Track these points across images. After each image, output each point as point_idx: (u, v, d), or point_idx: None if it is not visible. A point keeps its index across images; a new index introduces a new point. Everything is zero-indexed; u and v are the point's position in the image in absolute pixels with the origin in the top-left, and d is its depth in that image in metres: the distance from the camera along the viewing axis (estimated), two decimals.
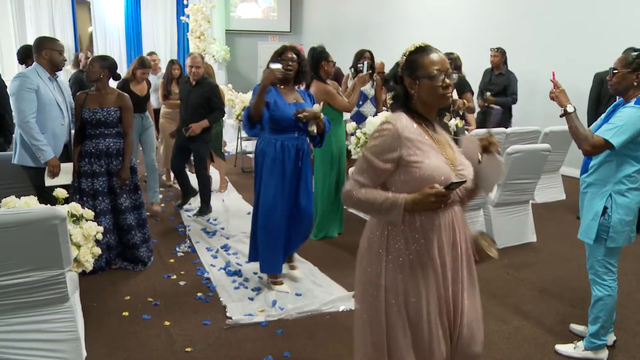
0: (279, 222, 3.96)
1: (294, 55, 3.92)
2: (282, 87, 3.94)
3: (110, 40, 14.23)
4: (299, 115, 3.80)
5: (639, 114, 2.90)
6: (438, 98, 2.06)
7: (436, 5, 10.90)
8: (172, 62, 6.87)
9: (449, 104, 2.15)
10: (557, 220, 5.91)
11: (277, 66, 3.79)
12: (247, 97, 7.55)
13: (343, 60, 8.14)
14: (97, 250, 3.16)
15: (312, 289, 4.14)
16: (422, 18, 11.24)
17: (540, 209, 6.19)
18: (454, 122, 5.09)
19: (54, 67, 4.20)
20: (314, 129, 3.87)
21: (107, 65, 4.34)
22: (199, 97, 5.52)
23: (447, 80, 2.04)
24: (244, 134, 8.81)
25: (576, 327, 3.58)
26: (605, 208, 3.03)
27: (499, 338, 3.51)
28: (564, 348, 3.34)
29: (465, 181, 1.99)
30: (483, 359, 3.31)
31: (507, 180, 5.01)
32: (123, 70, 14.12)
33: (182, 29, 14.48)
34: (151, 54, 8.14)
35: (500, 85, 7.37)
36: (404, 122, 2.04)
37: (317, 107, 3.85)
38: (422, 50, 2.07)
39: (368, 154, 2.04)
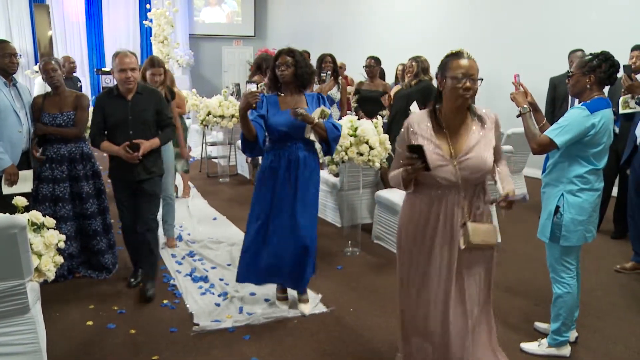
0: (259, 232, 3.72)
1: (289, 59, 3.62)
2: (282, 94, 3.70)
3: (71, 44, 13.98)
4: (292, 112, 3.50)
5: (584, 115, 2.98)
6: (456, 97, 2.47)
7: (400, 9, 11.01)
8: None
9: (467, 104, 2.53)
10: (521, 221, 6.01)
11: (252, 88, 3.52)
12: (211, 102, 7.49)
13: None
14: (60, 259, 3.08)
15: None
16: (386, 21, 11.35)
17: None
18: None
19: (2, 72, 4.06)
20: (310, 135, 3.62)
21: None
22: (144, 111, 4.00)
23: (468, 84, 2.43)
24: (208, 139, 8.75)
25: (540, 325, 3.65)
26: (557, 207, 3.11)
27: None
28: (528, 346, 3.40)
29: (419, 146, 2.42)
30: None
31: None
32: (85, 73, 13.98)
33: (145, 33, 14.31)
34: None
35: None
36: (415, 118, 2.61)
37: (317, 112, 3.60)
38: (454, 55, 2.50)
39: (396, 144, 2.70)
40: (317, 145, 3.85)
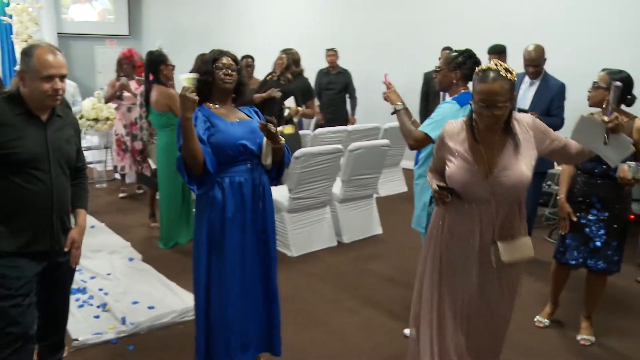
0: (237, 298, 2.84)
1: (232, 62, 2.81)
2: (216, 106, 2.82)
3: None
4: (263, 126, 2.67)
5: (455, 109, 3.14)
6: (482, 121, 2.37)
7: (277, 10, 11.08)
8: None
9: (495, 129, 2.40)
10: (400, 212, 6.25)
11: (191, 76, 2.66)
12: (86, 104, 7.11)
13: (185, 64, 7.95)
14: None
15: (164, 300, 3.99)
16: (263, 20, 11.38)
17: (384, 201, 6.51)
18: (280, 129, 5.15)
19: None
20: (268, 160, 2.84)
21: None
22: (67, 143, 2.72)
23: (487, 112, 2.30)
24: (82, 144, 8.28)
25: None
26: (431, 198, 3.25)
27: (351, 329, 3.65)
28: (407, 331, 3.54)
29: (449, 188, 2.43)
30: (333, 351, 3.42)
31: (351, 177, 5.22)
32: None
33: (5, 30, 13.28)
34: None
35: (342, 83, 7.79)
36: (451, 129, 2.50)
37: (291, 104, 2.87)
38: (478, 78, 2.33)
39: (434, 145, 2.63)
40: None
